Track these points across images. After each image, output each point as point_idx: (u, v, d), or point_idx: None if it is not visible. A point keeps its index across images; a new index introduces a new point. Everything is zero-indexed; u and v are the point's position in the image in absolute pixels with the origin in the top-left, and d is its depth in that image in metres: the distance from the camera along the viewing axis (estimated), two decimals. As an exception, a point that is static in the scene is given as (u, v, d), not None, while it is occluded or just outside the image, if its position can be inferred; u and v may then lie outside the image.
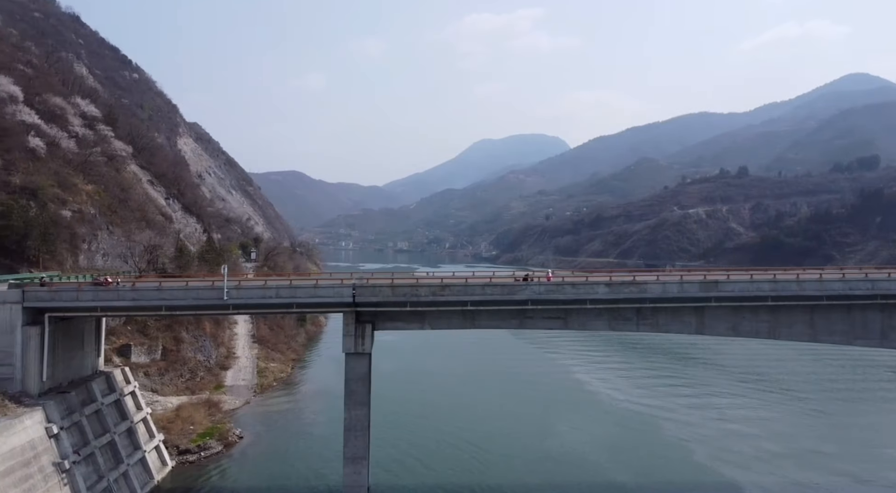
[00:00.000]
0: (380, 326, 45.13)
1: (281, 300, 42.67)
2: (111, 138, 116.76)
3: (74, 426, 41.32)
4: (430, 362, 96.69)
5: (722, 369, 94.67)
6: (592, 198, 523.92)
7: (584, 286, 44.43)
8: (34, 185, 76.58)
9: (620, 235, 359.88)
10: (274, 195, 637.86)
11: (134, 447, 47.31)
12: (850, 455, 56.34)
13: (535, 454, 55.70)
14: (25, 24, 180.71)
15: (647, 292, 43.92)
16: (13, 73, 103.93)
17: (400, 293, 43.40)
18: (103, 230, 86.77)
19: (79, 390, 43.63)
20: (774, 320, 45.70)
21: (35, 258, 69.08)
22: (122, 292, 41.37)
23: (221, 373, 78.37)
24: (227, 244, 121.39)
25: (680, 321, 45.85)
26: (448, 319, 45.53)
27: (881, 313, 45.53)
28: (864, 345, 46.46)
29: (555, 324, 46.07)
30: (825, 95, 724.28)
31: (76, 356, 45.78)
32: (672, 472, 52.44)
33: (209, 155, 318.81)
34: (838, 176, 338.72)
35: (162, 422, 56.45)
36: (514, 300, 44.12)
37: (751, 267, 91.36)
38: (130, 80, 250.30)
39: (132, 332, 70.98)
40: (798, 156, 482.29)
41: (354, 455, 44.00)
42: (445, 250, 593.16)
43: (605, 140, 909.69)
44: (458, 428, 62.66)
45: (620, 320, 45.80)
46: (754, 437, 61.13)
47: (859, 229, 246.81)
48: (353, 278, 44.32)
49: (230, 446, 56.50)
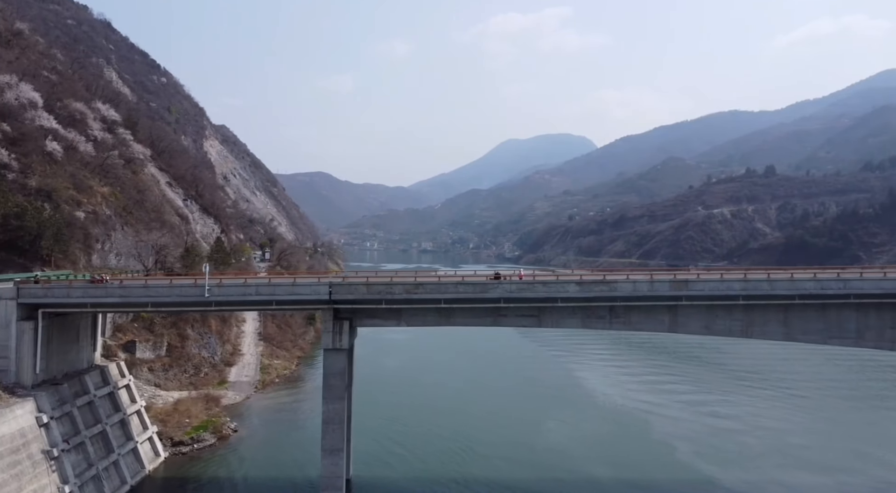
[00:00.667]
0: (357, 323, 46.64)
1: (260, 297, 44.41)
2: (130, 142, 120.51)
3: (66, 417, 43.56)
4: (438, 358, 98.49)
5: (725, 369, 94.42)
6: (618, 198, 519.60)
7: (555, 285, 45.29)
8: (49, 187, 79.80)
9: (643, 235, 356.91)
10: (300, 196, 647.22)
11: (126, 437, 49.47)
12: (833, 452, 56.40)
13: (520, 447, 57.05)
14: (59, 31, 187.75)
15: (617, 290, 44.60)
16: (37, 79, 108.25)
17: (375, 291, 44.80)
18: (117, 231, 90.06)
19: (72, 382, 45.93)
20: (748, 318, 45.97)
21: (48, 258, 72.19)
22: (111, 289, 43.54)
23: (226, 369, 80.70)
24: (240, 244, 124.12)
25: (653, 320, 46.42)
26: (423, 316, 46.80)
27: (857, 312, 45.47)
28: (839, 344, 46.46)
29: (529, 321, 47.03)
30: (860, 91, 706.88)
31: (71, 350, 48.12)
32: (650, 468, 53.01)
33: (235, 157, 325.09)
34: (868, 175, 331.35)
35: (160, 415, 58.80)
36: (487, 298, 45.18)
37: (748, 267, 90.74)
38: (159, 84, 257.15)
39: (139, 329, 73.67)
40: (830, 154, 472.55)
41: (332, 447, 45.60)
42: (469, 251, 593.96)
43: (632, 140, 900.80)
44: (450, 423, 64.06)
45: (593, 318, 46.56)
46: (741, 434, 61.49)
47: (888, 229, 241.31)
48: (329, 276, 45.77)
49: (224, 438, 58.53)
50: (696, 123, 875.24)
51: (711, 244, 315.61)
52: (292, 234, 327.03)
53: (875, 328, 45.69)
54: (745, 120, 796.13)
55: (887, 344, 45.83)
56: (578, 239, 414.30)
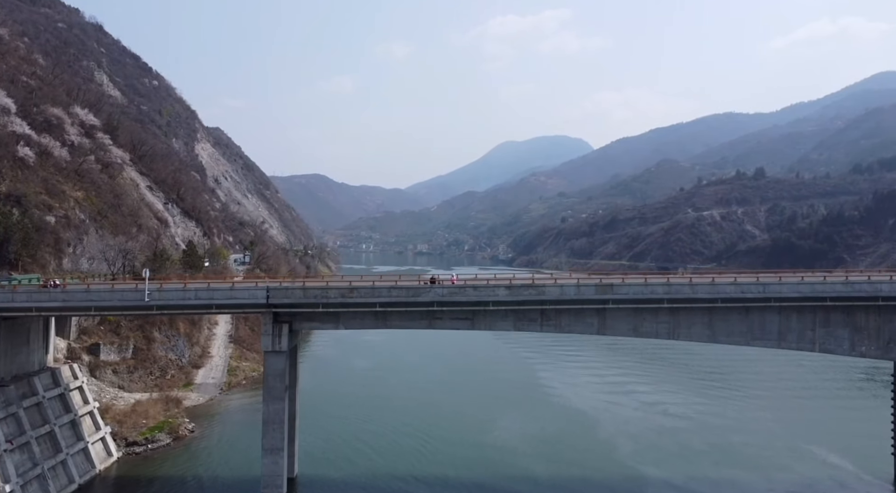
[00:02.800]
0: (297, 326, 48.11)
1: (200, 302, 45.88)
2: (109, 146, 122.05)
3: (11, 417, 45.01)
4: (410, 359, 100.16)
5: (689, 369, 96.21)
6: (611, 200, 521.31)
7: (486, 289, 46.80)
8: (19, 192, 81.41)
9: (634, 237, 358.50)
10: (298, 198, 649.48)
11: (77, 437, 50.89)
12: (771, 450, 57.90)
13: (468, 445, 58.74)
14: (49, 35, 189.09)
15: (545, 294, 46.13)
16: (14, 85, 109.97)
17: (311, 295, 46.29)
18: (90, 235, 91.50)
19: (19, 383, 47.38)
20: (674, 321, 47.51)
21: (16, 262, 73.71)
22: (54, 293, 45.03)
23: (193, 371, 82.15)
24: (220, 247, 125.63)
25: (583, 322, 47.94)
26: (361, 319, 48.29)
27: (779, 315, 47.06)
28: (761, 345, 48.00)
29: (463, 324, 48.51)
30: (854, 94, 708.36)
31: (21, 353, 49.56)
32: (588, 465, 54.48)
33: (227, 160, 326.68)
34: (857, 177, 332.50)
35: (118, 416, 60.20)
36: (421, 302, 46.68)
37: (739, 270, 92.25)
38: (150, 88, 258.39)
39: (104, 331, 75.04)
40: (822, 156, 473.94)
41: (272, 447, 47.09)
42: (464, 253, 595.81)
43: (628, 141, 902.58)
44: (407, 421, 65.70)
45: (525, 320, 48.04)
46: (687, 432, 63.09)
47: (872, 232, 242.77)
48: (267, 280, 47.23)
49: (179, 439, 59.94)
50: (691, 124, 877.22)
51: (701, 246, 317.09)
52: (284, 236, 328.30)
53: (796, 330, 47.32)
54: (741, 122, 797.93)
55: (808, 345, 47.46)
56: (571, 241, 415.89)
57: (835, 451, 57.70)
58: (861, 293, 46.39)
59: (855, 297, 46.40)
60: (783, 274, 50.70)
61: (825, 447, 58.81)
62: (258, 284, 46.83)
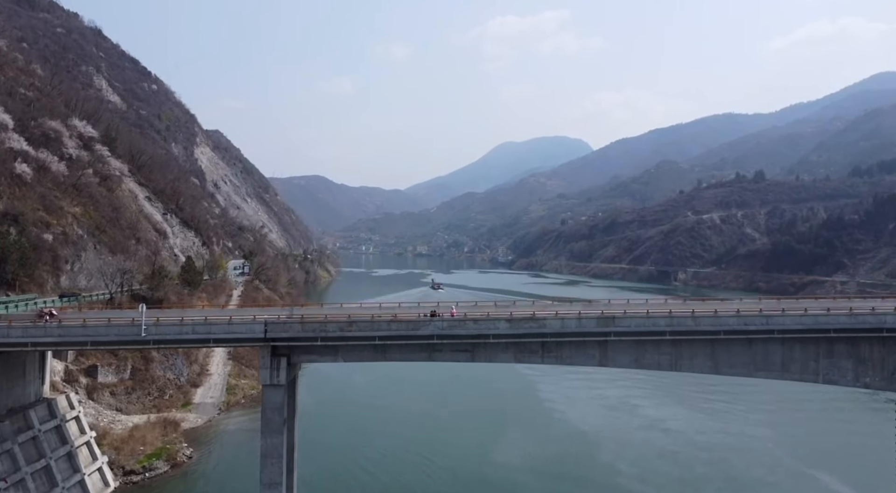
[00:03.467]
0: (295, 359, 47.52)
1: (197, 336, 45.33)
2: (108, 157, 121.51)
3: (6, 454, 44.56)
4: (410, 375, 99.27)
5: (690, 384, 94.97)
6: (611, 202, 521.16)
7: (486, 322, 46.27)
8: (17, 210, 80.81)
9: (634, 240, 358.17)
10: (297, 200, 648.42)
11: (73, 469, 50.43)
12: (776, 475, 57.77)
13: (470, 470, 58.58)
14: (48, 40, 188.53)
15: (546, 327, 45.59)
16: (13, 98, 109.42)
17: (309, 329, 45.75)
18: (88, 251, 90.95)
19: (14, 418, 46.89)
20: (676, 352, 46.97)
21: (13, 281, 73.19)
22: (49, 328, 44.47)
23: (192, 390, 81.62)
24: (218, 258, 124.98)
25: (584, 354, 47.40)
26: (360, 352, 47.75)
27: (782, 346, 46.49)
28: (765, 377, 47.42)
29: (463, 356, 47.98)
30: (854, 94, 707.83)
31: (17, 386, 49.08)
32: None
33: (226, 163, 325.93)
34: (857, 180, 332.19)
35: (115, 443, 59.70)
36: (420, 335, 46.15)
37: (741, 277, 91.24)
38: (149, 92, 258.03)
39: (102, 353, 74.40)
40: (822, 158, 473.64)
41: (270, 481, 46.52)
42: (464, 254, 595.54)
43: (627, 142, 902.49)
44: (410, 448, 65.27)
45: (526, 352, 47.51)
46: (688, 455, 62.70)
47: (872, 236, 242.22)
48: (265, 314, 46.74)
49: (177, 466, 59.47)
50: (691, 125, 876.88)
51: (701, 250, 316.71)
52: (283, 240, 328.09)
53: (800, 361, 46.75)
54: (740, 123, 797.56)
55: (811, 376, 46.87)
56: (570, 244, 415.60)
57: (837, 474, 57.25)
58: (865, 325, 45.84)
59: (859, 328, 45.89)
60: (786, 301, 50.25)
61: (828, 472, 58.37)
62: (256, 318, 46.27)
